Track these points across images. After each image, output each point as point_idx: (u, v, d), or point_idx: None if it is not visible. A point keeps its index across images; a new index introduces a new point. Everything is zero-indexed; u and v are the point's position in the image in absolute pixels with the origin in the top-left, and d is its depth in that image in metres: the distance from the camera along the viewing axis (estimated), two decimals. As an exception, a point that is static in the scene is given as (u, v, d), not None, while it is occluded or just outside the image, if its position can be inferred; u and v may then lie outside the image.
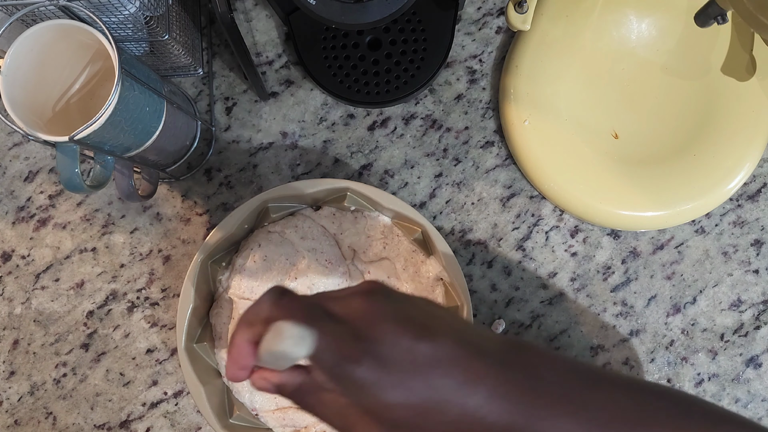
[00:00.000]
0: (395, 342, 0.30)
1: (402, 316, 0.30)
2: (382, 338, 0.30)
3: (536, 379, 0.31)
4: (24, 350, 0.59)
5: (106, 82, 0.51)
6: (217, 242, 0.53)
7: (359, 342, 0.30)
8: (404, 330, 0.30)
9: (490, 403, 0.30)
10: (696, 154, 0.56)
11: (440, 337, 0.30)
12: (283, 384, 0.33)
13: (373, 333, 0.30)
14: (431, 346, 0.30)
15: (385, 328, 0.30)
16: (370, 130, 0.59)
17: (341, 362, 0.30)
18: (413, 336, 0.30)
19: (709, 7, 0.49)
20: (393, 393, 0.30)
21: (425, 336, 0.30)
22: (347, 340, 0.30)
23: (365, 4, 0.45)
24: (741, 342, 0.58)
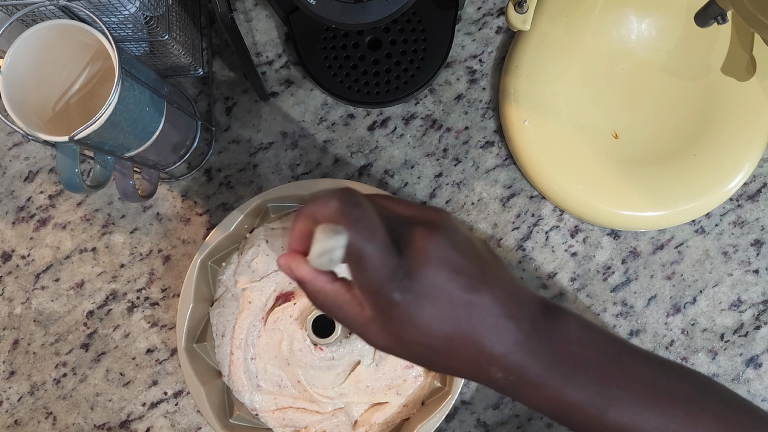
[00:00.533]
0: (441, 288, 0.31)
1: (455, 263, 0.31)
2: (430, 281, 0.31)
3: (563, 343, 0.32)
4: (24, 350, 0.59)
5: (106, 82, 0.51)
6: (217, 242, 0.53)
7: (407, 279, 0.31)
8: (453, 278, 0.31)
9: (514, 353, 0.32)
10: (696, 154, 0.56)
11: (483, 292, 0.31)
12: (303, 280, 0.33)
13: (423, 273, 0.31)
14: (473, 300, 0.31)
15: (435, 273, 0.31)
16: (370, 130, 0.59)
17: (383, 289, 0.31)
18: (459, 286, 0.31)
19: (709, 7, 0.49)
20: (418, 330, 0.31)
21: (470, 288, 0.31)
22: (397, 274, 0.31)
23: (365, 4, 0.45)
24: (741, 342, 0.58)
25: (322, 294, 0.33)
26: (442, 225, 0.32)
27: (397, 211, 0.33)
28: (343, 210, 0.31)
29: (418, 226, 0.32)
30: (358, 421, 0.54)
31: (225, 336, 0.55)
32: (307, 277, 0.33)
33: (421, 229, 0.31)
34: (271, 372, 0.54)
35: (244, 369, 0.54)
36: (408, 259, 0.31)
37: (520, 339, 0.32)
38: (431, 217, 0.32)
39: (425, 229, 0.31)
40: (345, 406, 0.54)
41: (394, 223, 0.32)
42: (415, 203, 0.34)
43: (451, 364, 0.33)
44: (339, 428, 0.54)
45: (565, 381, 0.32)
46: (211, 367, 0.55)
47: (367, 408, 0.54)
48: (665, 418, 0.32)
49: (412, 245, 0.31)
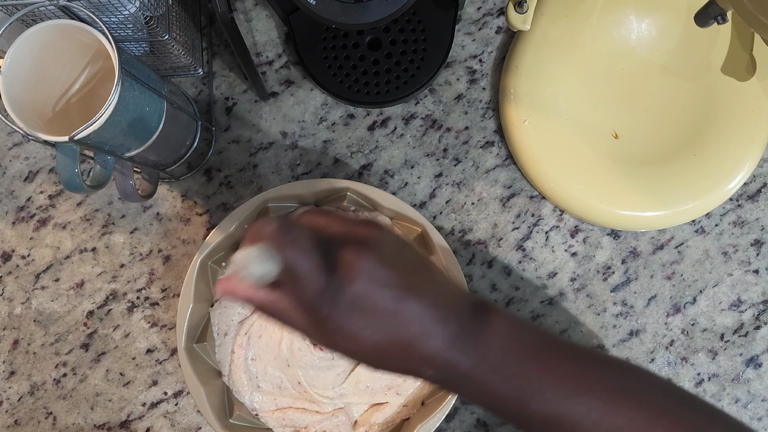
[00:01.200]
0: (370, 302, 0.33)
1: (382, 277, 0.33)
2: (359, 296, 0.33)
3: (489, 339, 0.35)
4: (24, 350, 0.59)
5: (106, 82, 0.51)
6: (217, 242, 0.53)
7: (336, 294, 0.33)
8: (381, 292, 0.33)
9: (444, 350, 0.34)
10: (696, 154, 0.56)
11: (410, 302, 0.34)
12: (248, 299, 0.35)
13: (353, 289, 0.33)
14: (401, 309, 0.34)
15: (364, 288, 0.33)
16: (370, 130, 0.59)
17: (315, 304, 0.33)
18: (387, 299, 0.33)
19: (709, 7, 0.49)
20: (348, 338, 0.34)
21: (398, 300, 0.34)
22: (327, 289, 0.33)
23: (365, 4, 0.45)
24: (741, 342, 0.58)
25: (266, 305, 0.35)
26: (370, 241, 0.34)
27: (332, 228, 0.35)
28: (279, 232, 0.33)
29: (348, 245, 0.34)
30: (357, 421, 0.54)
31: (227, 335, 0.55)
32: (247, 294, 0.35)
33: (350, 247, 0.34)
34: (271, 373, 0.54)
35: (245, 369, 0.54)
36: (337, 276, 0.33)
37: (447, 339, 0.34)
38: (362, 234, 0.35)
39: (354, 247, 0.34)
40: (345, 406, 0.54)
41: (327, 241, 0.34)
42: (351, 218, 0.37)
43: (386, 366, 0.35)
44: (339, 428, 0.54)
45: (491, 375, 0.34)
46: (211, 367, 0.55)
47: (367, 408, 0.54)
48: (586, 406, 0.34)
49: (341, 263, 0.33)
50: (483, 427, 0.58)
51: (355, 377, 0.53)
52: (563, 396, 0.34)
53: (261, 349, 0.54)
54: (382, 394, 0.53)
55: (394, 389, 0.53)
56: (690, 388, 0.58)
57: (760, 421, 0.58)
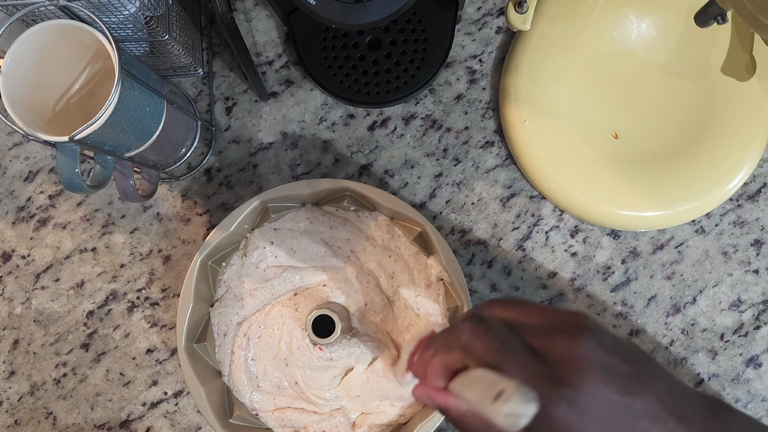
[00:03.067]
0: (597, 393, 0.29)
1: (608, 364, 0.29)
2: (584, 386, 0.29)
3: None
4: (24, 350, 0.59)
5: (106, 82, 0.51)
6: (217, 242, 0.53)
7: (558, 386, 0.29)
8: (608, 381, 0.29)
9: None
10: (696, 154, 0.56)
11: (644, 394, 0.29)
12: (449, 408, 0.33)
13: (575, 378, 0.29)
14: (633, 402, 0.29)
15: (588, 376, 0.29)
16: (370, 130, 0.59)
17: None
18: (617, 389, 0.29)
19: (709, 7, 0.49)
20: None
21: (629, 390, 0.29)
22: (545, 382, 0.29)
23: (365, 4, 0.45)
24: (741, 342, 0.58)
25: (467, 416, 0.32)
26: (585, 326, 0.31)
27: (532, 321, 0.32)
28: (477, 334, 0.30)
29: (560, 333, 0.30)
30: (356, 422, 0.54)
31: (227, 336, 0.55)
32: (449, 403, 0.33)
33: (563, 334, 0.30)
34: (271, 373, 0.54)
35: (245, 369, 0.54)
36: (555, 366, 0.29)
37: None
38: (571, 320, 0.31)
39: (567, 333, 0.30)
40: (341, 407, 0.54)
41: (528, 334, 0.31)
42: (550, 308, 0.33)
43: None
44: (338, 428, 0.54)
45: None
46: (211, 367, 0.55)
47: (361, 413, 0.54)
48: None
49: (557, 351, 0.29)
50: (483, 427, 0.58)
51: (347, 383, 0.53)
52: None
53: (261, 350, 0.54)
54: (374, 405, 0.53)
55: (387, 401, 0.53)
56: (690, 388, 0.58)
57: (760, 420, 0.57)
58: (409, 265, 0.54)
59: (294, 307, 0.54)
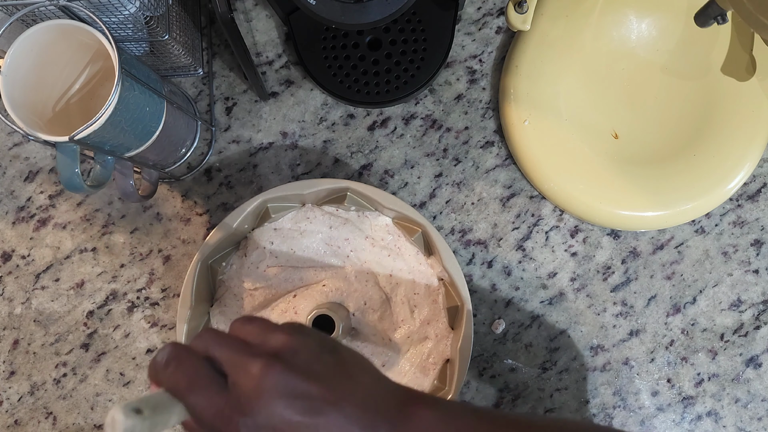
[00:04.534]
0: (277, 417, 0.30)
1: (293, 388, 0.31)
2: (263, 412, 0.30)
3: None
4: (24, 350, 0.59)
5: (106, 82, 0.51)
6: (217, 242, 0.53)
7: (241, 415, 0.30)
8: (290, 404, 0.30)
9: None
10: (696, 154, 0.56)
11: (329, 413, 0.31)
12: None
13: (256, 406, 0.30)
14: (317, 422, 0.31)
15: (269, 403, 0.30)
16: (370, 130, 0.59)
17: (220, 425, 0.31)
18: (299, 411, 0.31)
19: (709, 7, 0.49)
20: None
21: (313, 411, 0.31)
22: (230, 413, 0.30)
23: (365, 4, 0.45)
24: (741, 342, 0.58)
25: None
26: (280, 351, 0.32)
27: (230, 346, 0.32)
28: (155, 363, 0.31)
29: (256, 360, 0.31)
30: None
31: (225, 336, 0.55)
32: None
33: (258, 362, 0.31)
34: None
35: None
36: (239, 395, 0.30)
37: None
38: (270, 344, 0.32)
39: (261, 362, 0.31)
40: None
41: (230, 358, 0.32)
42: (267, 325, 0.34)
43: None
44: None
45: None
46: (211, 367, 0.55)
47: None
48: None
49: (243, 379, 0.31)
50: (483, 427, 0.58)
51: None
52: None
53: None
54: None
55: None
56: (690, 389, 0.58)
57: (760, 421, 0.58)
58: (409, 264, 0.54)
59: (293, 309, 0.54)
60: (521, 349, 0.58)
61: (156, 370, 0.32)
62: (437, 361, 0.54)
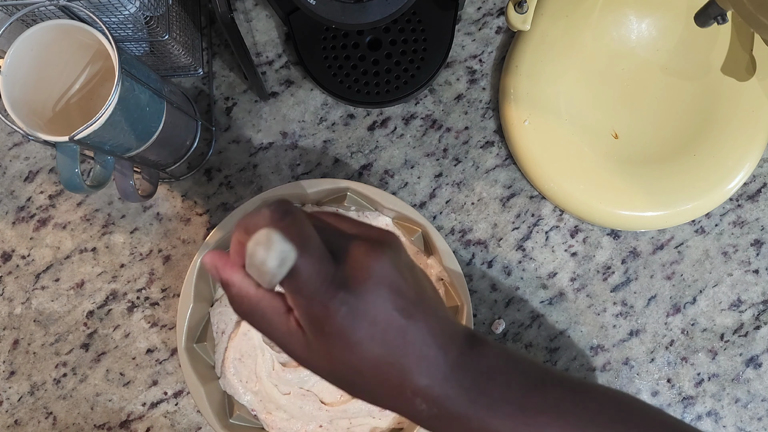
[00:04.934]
0: (378, 306, 0.30)
1: (396, 284, 0.30)
2: (367, 297, 0.30)
3: (486, 373, 0.32)
4: (24, 350, 0.59)
5: (106, 82, 0.51)
6: (217, 242, 0.53)
7: (344, 290, 0.29)
8: (391, 298, 0.30)
9: (441, 384, 0.31)
10: (696, 154, 0.56)
11: (418, 320, 0.31)
12: (228, 282, 0.31)
13: (362, 288, 0.30)
14: (407, 325, 0.30)
15: (374, 289, 0.30)
16: (370, 130, 0.59)
17: (318, 299, 0.29)
18: (396, 308, 0.30)
19: (709, 7, 0.49)
20: (349, 349, 0.30)
21: (407, 313, 0.30)
22: (332, 284, 0.29)
23: (365, 4, 0.45)
24: (741, 342, 0.58)
25: (246, 300, 0.31)
26: (387, 244, 0.31)
27: (341, 226, 0.32)
28: (273, 218, 0.29)
29: (361, 241, 0.31)
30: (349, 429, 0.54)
31: (224, 335, 0.55)
32: (233, 280, 0.31)
33: (364, 243, 0.30)
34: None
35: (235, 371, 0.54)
36: (346, 271, 0.30)
37: (446, 371, 0.31)
38: (377, 236, 0.32)
39: (369, 245, 0.30)
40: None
41: (334, 237, 0.31)
42: (364, 223, 0.33)
43: (374, 389, 0.31)
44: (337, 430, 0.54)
45: (490, 412, 0.32)
46: (211, 367, 0.55)
47: None
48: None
49: (353, 258, 0.30)
50: (483, 427, 0.58)
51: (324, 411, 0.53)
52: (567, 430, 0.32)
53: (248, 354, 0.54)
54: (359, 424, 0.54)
55: (369, 415, 0.53)
56: (690, 389, 0.58)
57: (760, 421, 0.58)
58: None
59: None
60: (521, 349, 0.58)
61: (266, 218, 0.29)
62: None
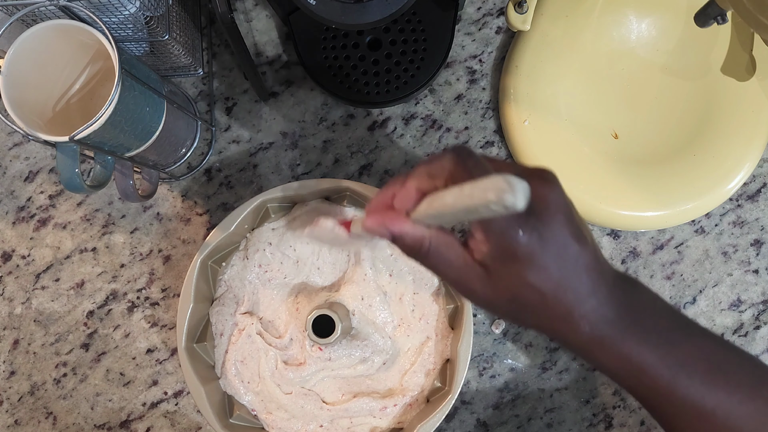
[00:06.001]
0: (559, 231, 0.32)
1: (569, 211, 0.33)
2: (551, 223, 0.32)
3: (639, 306, 0.34)
4: (24, 350, 0.59)
5: (106, 82, 0.51)
6: (217, 242, 0.53)
7: (531, 216, 0.32)
8: (568, 224, 0.32)
9: (601, 308, 0.33)
10: (696, 154, 0.56)
11: (587, 245, 0.33)
12: (401, 234, 0.33)
13: (545, 215, 0.32)
14: (581, 250, 0.33)
15: (555, 216, 0.32)
16: (370, 130, 0.59)
17: (511, 228, 0.32)
18: (572, 233, 0.32)
19: (709, 7, 0.49)
20: (536, 271, 0.32)
21: (580, 238, 0.33)
22: (522, 215, 0.31)
23: (365, 4, 0.45)
24: (741, 342, 0.58)
25: (423, 244, 0.33)
26: (553, 180, 0.33)
27: (505, 168, 0.34)
28: (459, 160, 0.31)
29: (533, 177, 0.32)
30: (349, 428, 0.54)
31: (223, 335, 0.55)
32: (404, 230, 0.33)
33: (537, 178, 0.33)
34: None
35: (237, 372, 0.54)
36: (533, 202, 0.31)
37: (608, 296, 0.33)
38: (540, 173, 0.34)
39: (541, 179, 0.33)
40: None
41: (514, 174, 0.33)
42: (519, 164, 0.35)
43: (548, 313, 0.33)
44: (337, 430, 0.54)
45: (641, 340, 0.33)
46: (211, 367, 0.55)
47: None
48: (729, 400, 0.34)
49: (533, 191, 0.31)
50: (483, 427, 0.58)
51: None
52: (708, 385, 0.34)
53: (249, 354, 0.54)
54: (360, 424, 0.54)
55: (370, 416, 0.54)
56: (690, 388, 0.58)
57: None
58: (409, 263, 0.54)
59: (295, 307, 0.54)
60: (521, 349, 0.58)
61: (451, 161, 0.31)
62: (437, 360, 0.54)
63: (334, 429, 0.53)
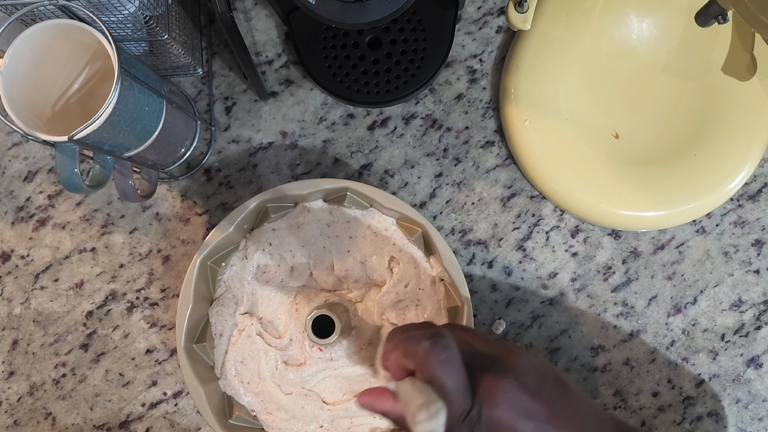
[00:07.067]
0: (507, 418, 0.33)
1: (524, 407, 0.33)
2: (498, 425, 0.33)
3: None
4: (23, 350, 0.59)
5: (105, 81, 0.50)
6: (216, 242, 0.53)
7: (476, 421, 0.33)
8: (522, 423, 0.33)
9: None
10: (697, 153, 0.56)
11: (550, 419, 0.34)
12: (387, 412, 0.37)
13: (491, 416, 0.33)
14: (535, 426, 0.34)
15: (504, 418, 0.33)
16: (370, 130, 0.59)
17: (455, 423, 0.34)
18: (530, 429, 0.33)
19: (710, 6, 0.49)
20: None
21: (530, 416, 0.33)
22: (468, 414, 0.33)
23: (365, 3, 0.45)
24: (742, 342, 0.58)
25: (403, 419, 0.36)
26: (512, 367, 0.34)
27: (476, 347, 0.36)
28: (432, 352, 0.33)
29: (489, 371, 0.34)
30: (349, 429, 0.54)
31: (223, 336, 0.55)
32: (387, 408, 0.37)
33: (491, 373, 0.34)
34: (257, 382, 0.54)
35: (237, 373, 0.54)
36: (479, 402, 0.33)
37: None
38: (503, 357, 0.35)
39: (494, 374, 0.34)
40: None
41: (471, 360, 0.35)
42: (491, 339, 0.37)
43: None
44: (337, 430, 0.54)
45: None
46: (210, 367, 0.55)
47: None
48: None
49: (483, 388, 0.33)
50: (483, 428, 0.58)
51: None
52: None
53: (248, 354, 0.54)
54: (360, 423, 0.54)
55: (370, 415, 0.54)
56: (690, 389, 0.57)
57: (761, 421, 0.57)
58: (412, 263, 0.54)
59: (295, 308, 0.54)
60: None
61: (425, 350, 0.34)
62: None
63: (335, 429, 0.53)
